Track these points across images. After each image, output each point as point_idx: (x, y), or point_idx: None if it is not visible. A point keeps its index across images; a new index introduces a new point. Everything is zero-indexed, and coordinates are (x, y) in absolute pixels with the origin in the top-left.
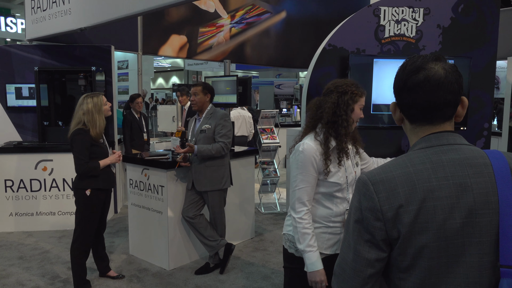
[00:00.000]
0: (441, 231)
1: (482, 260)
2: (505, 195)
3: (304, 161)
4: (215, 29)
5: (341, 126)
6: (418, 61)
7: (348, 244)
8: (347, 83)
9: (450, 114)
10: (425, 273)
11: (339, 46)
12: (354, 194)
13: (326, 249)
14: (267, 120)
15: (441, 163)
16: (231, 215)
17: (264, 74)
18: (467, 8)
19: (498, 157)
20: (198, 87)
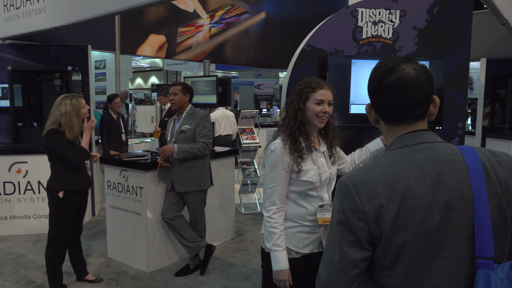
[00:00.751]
0: (420, 227)
1: (460, 253)
2: (478, 190)
3: (274, 160)
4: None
5: (296, 125)
6: (390, 63)
7: (333, 246)
8: (301, 82)
9: (423, 113)
10: (408, 269)
11: (317, 46)
12: (336, 196)
13: (303, 248)
14: (247, 120)
15: (417, 161)
16: (211, 216)
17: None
18: (442, 10)
19: (471, 153)
20: (178, 87)
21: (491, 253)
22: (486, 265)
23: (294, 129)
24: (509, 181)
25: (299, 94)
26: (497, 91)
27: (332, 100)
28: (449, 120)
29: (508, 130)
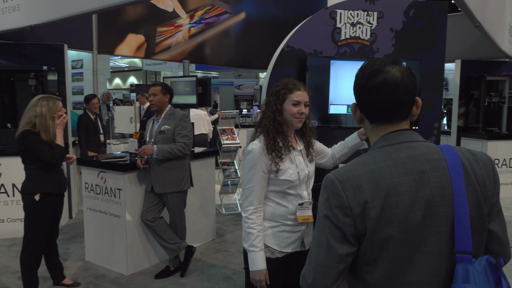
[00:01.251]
0: (403, 223)
1: (440, 248)
2: (458, 187)
3: (252, 161)
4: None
5: (273, 126)
6: (377, 64)
7: (319, 243)
8: (278, 83)
9: (407, 113)
10: (391, 264)
11: (297, 47)
12: (322, 193)
13: (286, 247)
14: (227, 120)
15: (400, 160)
16: (191, 217)
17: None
18: (418, 12)
19: (451, 152)
20: (157, 87)
21: (470, 248)
22: (465, 259)
23: (272, 130)
24: (486, 179)
25: (276, 95)
26: (471, 92)
27: (308, 101)
28: (426, 120)
29: (482, 130)
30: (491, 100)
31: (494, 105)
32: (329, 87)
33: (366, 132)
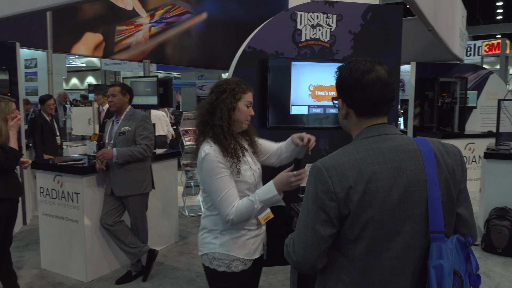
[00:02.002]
0: (382, 206)
1: (415, 229)
2: (431, 175)
3: (213, 166)
4: (133, 27)
5: (216, 126)
6: (367, 64)
7: (306, 225)
8: (228, 81)
9: (390, 108)
10: (370, 242)
11: (258, 48)
12: (309, 179)
13: (254, 254)
14: (189, 121)
15: (381, 150)
16: (153, 219)
17: (186, 75)
18: (375, 16)
19: (425, 144)
20: (117, 88)
21: (442, 228)
22: (438, 238)
23: (227, 130)
24: (455, 168)
25: (232, 93)
26: (425, 93)
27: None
28: None
29: (436, 129)
30: (444, 100)
31: (446, 105)
32: (290, 88)
33: (349, 126)
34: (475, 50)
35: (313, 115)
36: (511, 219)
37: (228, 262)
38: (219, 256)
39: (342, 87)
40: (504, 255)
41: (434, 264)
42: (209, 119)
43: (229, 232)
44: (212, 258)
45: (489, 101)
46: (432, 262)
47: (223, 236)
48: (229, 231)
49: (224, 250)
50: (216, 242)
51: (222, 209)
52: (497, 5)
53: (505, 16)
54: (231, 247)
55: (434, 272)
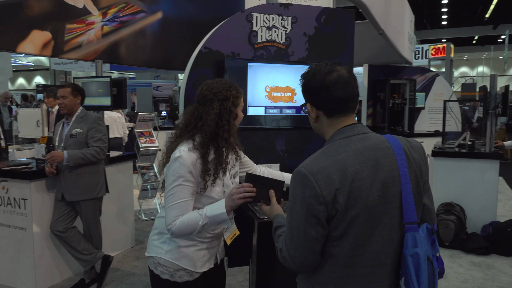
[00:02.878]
0: (365, 203)
1: (392, 221)
2: (403, 170)
3: (181, 171)
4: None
5: (222, 137)
6: (328, 66)
7: (298, 230)
8: (225, 87)
9: (356, 105)
10: (354, 239)
11: (214, 49)
12: (295, 186)
13: (202, 267)
14: (145, 123)
15: (359, 150)
16: (108, 224)
17: (141, 75)
18: (328, 19)
19: (395, 141)
20: (67, 89)
21: (415, 219)
22: (412, 228)
23: (228, 140)
24: (420, 162)
25: (233, 101)
26: (377, 94)
27: None
28: None
29: (387, 129)
30: (394, 101)
31: (397, 106)
32: (247, 89)
33: (321, 128)
34: (423, 53)
35: (270, 116)
36: (456, 213)
37: (172, 270)
38: (164, 262)
39: (308, 91)
40: (450, 248)
41: (410, 252)
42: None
43: (179, 239)
44: (157, 263)
45: (436, 102)
46: (408, 251)
47: (172, 242)
48: (180, 239)
49: (170, 258)
50: (164, 248)
51: (168, 216)
52: (442, 11)
53: (450, 22)
54: (178, 256)
55: (411, 260)
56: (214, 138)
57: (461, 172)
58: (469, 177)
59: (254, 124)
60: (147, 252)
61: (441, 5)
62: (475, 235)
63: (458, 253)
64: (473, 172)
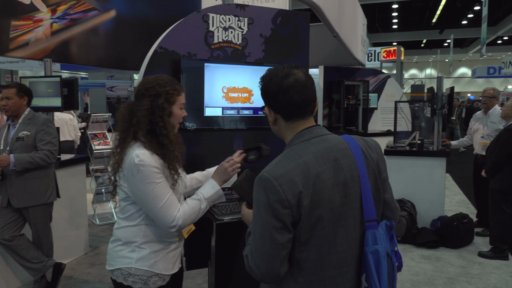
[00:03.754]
0: (328, 205)
1: (354, 221)
2: (362, 169)
3: (149, 172)
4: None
5: (161, 134)
6: (285, 69)
7: (263, 236)
8: (160, 83)
9: (313, 108)
10: (320, 241)
11: (170, 49)
12: (258, 191)
13: (173, 268)
14: (98, 124)
15: (319, 152)
16: (59, 230)
17: (94, 75)
18: (284, 20)
19: (352, 141)
20: (12, 90)
21: (375, 217)
22: (372, 226)
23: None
24: (378, 160)
25: (166, 98)
26: (333, 95)
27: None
28: None
29: (343, 129)
30: (349, 102)
31: (351, 107)
32: (203, 89)
33: (280, 131)
34: (375, 55)
35: (228, 117)
36: (408, 209)
37: (145, 278)
38: (135, 271)
39: (266, 94)
40: (403, 243)
41: (371, 250)
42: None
43: (149, 245)
44: (127, 274)
45: (388, 102)
46: (369, 248)
47: (142, 250)
48: (149, 244)
49: (142, 265)
50: (133, 256)
51: (166, 215)
52: (392, 15)
53: (400, 26)
54: (150, 262)
55: (371, 257)
56: (153, 135)
57: (412, 170)
58: (418, 174)
59: (211, 125)
60: (109, 265)
61: (391, 9)
62: (425, 229)
63: (409, 247)
64: (422, 169)
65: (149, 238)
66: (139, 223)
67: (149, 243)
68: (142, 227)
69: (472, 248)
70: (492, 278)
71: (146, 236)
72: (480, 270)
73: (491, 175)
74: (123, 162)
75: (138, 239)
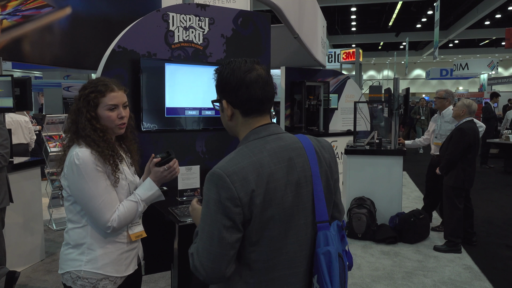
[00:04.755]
0: (280, 205)
1: (306, 221)
2: (314, 169)
3: (88, 170)
4: None
5: (97, 136)
6: (248, 63)
7: (210, 234)
8: (85, 85)
9: (271, 106)
10: (271, 241)
11: (129, 48)
12: (209, 188)
13: (126, 270)
14: (54, 126)
15: (273, 150)
16: (13, 237)
17: (50, 75)
18: (245, 21)
19: (306, 141)
20: None
21: (327, 217)
22: (324, 227)
23: (98, 139)
24: (330, 161)
25: (86, 100)
26: (294, 96)
27: (127, 101)
28: None
29: (304, 129)
30: (310, 103)
31: (313, 107)
32: (164, 90)
33: (235, 126)
34: (335, 57)
35: (190, 117)
36: (367, 207)
37: (94, 281)
38: (84, 274)
39: (225, 87)
40: (363, 239)
41: (323, 251)
42: (76, 129)
43: (99, 246)
44: (76, 277)
45: (348, 103)
46: (321, 249)
47: (91, 251)
48: (99, 245)
49: (92, 268)
50: (83, 259)
51: (101, 216)
52: (351, 18)
53: (358, 28)
54: (100, 264)
55: (323, 259)
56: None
57: (371, 168)
58: (377, 172)
59: (173, 126)
60: (60, 269)
61: (350, 12)
62: (384, 226)
63: (370, 244)
64: (381, 167)
65: (98, 239)
66: (84, 224)
67: (99, 244)
68: (88, 228)
69: (428, 243)
70: (446, 270)
71: (94, 237)
72: (436, 264)
73: (445, 172)
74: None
75: (87, 241)
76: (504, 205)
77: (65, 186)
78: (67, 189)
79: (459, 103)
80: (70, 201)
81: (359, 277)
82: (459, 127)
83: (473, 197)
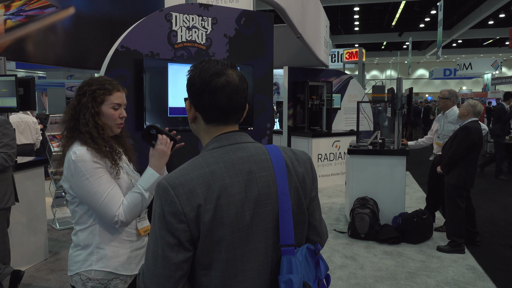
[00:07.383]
0: (234, 224)
1: (267, 244)
2: (282, 186)
3: (87, 167)
4: None
5: (81, 132)
6: (218, 66)
7: (155, 253)
8: (90, 82)
9: (241, 116)
10: (224, 266)
11: (132, 48)
12: (155, 201)
13: (135, 269)
14: (57, 125)
15: (231, 161)
16: (17, 236)
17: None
18: (248, 21)
19: (276, 152)
20: None
21: (292, 241)
22: (288, 251)
23: (97, 135)
24: (305, 176)
25: (92, 96)
26: (297, 95)
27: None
28: (259, 121)
29: (307, 129)
30: (313, 102)
31: (315, 107)
32: (167, 89)
33: (197, 131)
34: (338, 57)
35: None
36: (370, 207)
37: (106, 281)
38: (95, 275)
39: (190, 88)
40: (366, 239)
41: (284, 279)
42: (75, 125)
43: (108, 245)
44: (86, 278)
45: (350, 103)
46: (282, 277)
47: (100, 250)
48: (108, 244)
49: (102, 267)
50: (92, 259)
51: (107, 211)
52: (354, 17)
53: (361, 28)
54: (111, 263)
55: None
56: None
57: (374, 168)
58: (380, 172)
59: (176, 125)
60: (70, 271)
61: (353, 12)
62: (387, 226)
63: (372, 244)
64: (384, 167)
65: (106, 238)
66: (91, 224)
67: (107, 243)
68: (97, 227)
69: (431, 243)
70: (450, 271)
71: (103, 236)
72: (439, 264)
73: (447, 170)
74: (64, 163)
75: (95, 240)
76: (507, 205)
77: (67, 188)
78: (70, 191)
79: (465, 103)
80: (75, 203)
81: (362, 277)
82: (464, 126)
83: (476, 197)
